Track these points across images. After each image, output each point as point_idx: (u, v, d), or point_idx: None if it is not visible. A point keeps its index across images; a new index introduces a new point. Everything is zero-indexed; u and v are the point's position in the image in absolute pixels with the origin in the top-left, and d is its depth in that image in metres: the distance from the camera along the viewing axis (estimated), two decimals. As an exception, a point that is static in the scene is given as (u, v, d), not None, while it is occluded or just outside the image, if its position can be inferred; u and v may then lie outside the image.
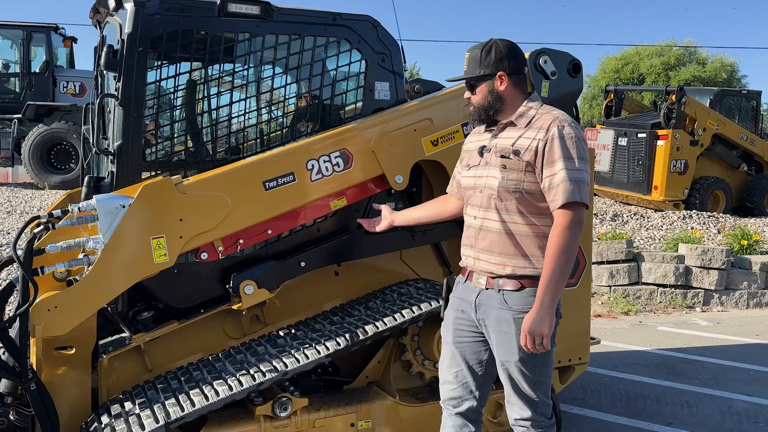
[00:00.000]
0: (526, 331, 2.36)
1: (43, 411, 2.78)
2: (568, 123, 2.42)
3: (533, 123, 2.46)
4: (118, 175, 2.97)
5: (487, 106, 2.53)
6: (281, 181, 3.05)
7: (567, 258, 2.33)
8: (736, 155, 12.01)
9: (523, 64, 2.58)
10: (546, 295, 2.34)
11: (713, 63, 29.91)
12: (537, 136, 2.42)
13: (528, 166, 2.41)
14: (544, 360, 2.51)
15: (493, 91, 2.51)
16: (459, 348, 2.62)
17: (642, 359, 5.56)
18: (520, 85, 2.55)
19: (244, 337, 3.30)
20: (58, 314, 2.74)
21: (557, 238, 2.34)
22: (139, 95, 2.96)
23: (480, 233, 2.52)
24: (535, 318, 2.34)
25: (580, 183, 2.35)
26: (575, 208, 2.34)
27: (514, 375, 2.50)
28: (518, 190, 2.43)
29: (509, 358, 2.48)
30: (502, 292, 2.47)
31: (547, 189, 2.39)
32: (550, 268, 2.34)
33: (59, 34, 13.37)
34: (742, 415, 4.39)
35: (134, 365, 3.12)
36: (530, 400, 2.51)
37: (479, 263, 2.53)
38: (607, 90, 13.16)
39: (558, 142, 2.37)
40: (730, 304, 7.66)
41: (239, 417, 2.96)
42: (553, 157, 2.37)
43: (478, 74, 2.51)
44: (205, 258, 3.02)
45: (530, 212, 2.44)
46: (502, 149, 2.47)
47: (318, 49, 3.28)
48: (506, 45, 2.53)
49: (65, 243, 2.77)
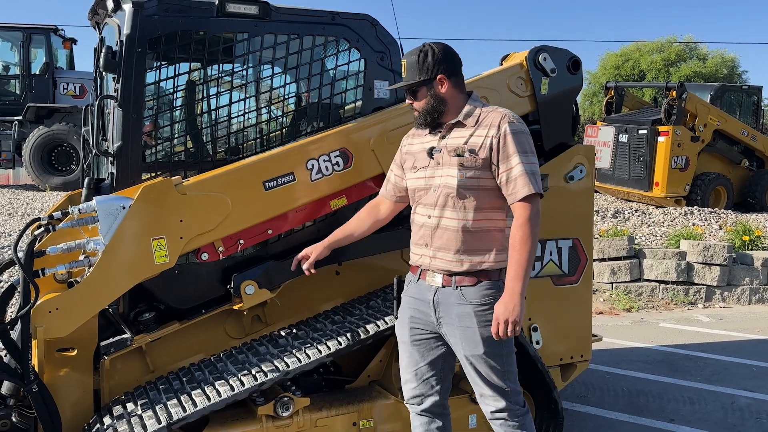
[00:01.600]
0: (498, 319, 2.42)
1: (45, 412, 2.78)
2: (516, 119, 2.52)
3: (482, 121, 2.53)
4: (118, 176, 2.97)
5: (431, 110, 2.57)
6: (281, 181, 3.05)
7: (532, 246, 2.44)
8: (737, 151, 12.00)
9: (459, 65, 2.63)
10: (516, 283, 2.42)
11: (714, 59, 29.83)
12: (489, 133, 2.49)
13: (484, 163, 2.49)
14: (508, 349, 2.58)
15: (435, 95, 2.56)
16: (416, 346, 2.67)
17: (644, 356, 5.56)
18: (459, 85, 2.60)
19: (245, 337, 3.30)
20: (60, 316, 2.74)
21: (521, 228, 2.44)
22: (138, 96, 2.96)
23: (436, 231, 2.55)
24: (506, 305, 2.42)
25: (535, 175, 2.47)
26: (534, 199, 2.45)
27: (482, 368, 2.55)
28: (477, 187, 2.50)
29: (475, 351, 2.53)
30: (459, 289, 2.52)
31: (504, 183, 2.47)
32: (518, 258, 2.43)
33: (59, 36, 13.38)
34: (744, 411, 4.39)
35: (136, 366, 3.13)
36: (502, 390, 2.56)
37: (435, 261, 2.56)
38: (608, 87, 13.15)
39: (511, 138, 2.46)
40: (732, 300, 7.65)
41: (241, 417, 2.96)
42: (508, 152, 2.46)
43: (419, 80, 2.55)
44: (206, 258, 3.02)
45: (487, 208, 2.51)
46: (455, 148, 2.53)
47: (317, 49, 3.28)
48: (441, 48, 2.58)
49: (66, 245, 2.78)
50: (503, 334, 2.42)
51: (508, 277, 2.44)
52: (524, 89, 3.54)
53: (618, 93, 12.74)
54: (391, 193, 2.84)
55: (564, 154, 3.59)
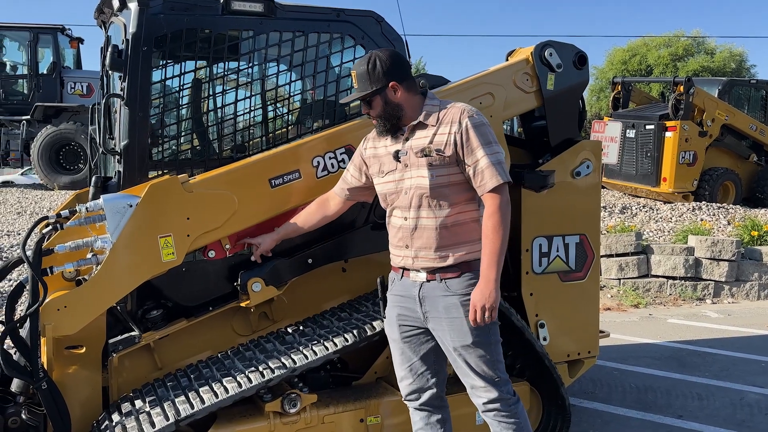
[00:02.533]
0: (475, 305, 2.49)
1: (54, 410, 2.80)
2: (475, 112, 2.58)
3: (442, 119, 2.59)
4: (124, 174, 2.99)
5: (388, 116, 2.62)
6: (287, 179, 3.06)
7: (504, 234, 2.50)
8: (745, 146, 11.92)
9: (408, 68, 2.70)
10: (490, 270, 2.49)
11: (722, 53, 29.64)
12: (451, 129, 2.55)
13: (451, 159, 2.54)
14: (495, 338, 2.63)
15: (389, 102, 2.61)
16: (407, 343, 2.73)
17: (652, 352, 5.54)
18: (412, 88, 2.65)
19: (252, 334, 3.31)
20: (68, 314, 2.75)
21: (492, 217, 2.50)
22: (144, 95, 2.97)
23: (415, 232, 2.61)
24: (483, 291, 2.49)
25: (501, 164, 2.53)
26: (502, 188, 2.52)
27: (471, 359, 2.59)
28: (448, 183, 2.56)
29: (463, 342, 2.57)
30: (444, 281, 2.58)
31: (472, 176, 2.53)
32: (491, 246, 2.49)
33: (66, 35, 13.43)
34: (753, 407, 4.37)
35: (144, 363, 3.14)
36: (492, 380, 2.61)
37: (418, 261, 2.62)
38: (615, 82, 13.08)
39: (473, 131, 2.53)
40: (740, 295, 7.61)
41: (248, 414, 2.97)
42: (472, 146, 2.52)
43: (372, 90, 2.59)
44: (213, 256, 3.03)
45: (460, 202, 2.58)
46: (421, 149, 2.57)
47: (322, 46, 3.28)
48: (388, 55, 2.62)
49: (74, 243, 2.79)
50: (480, 319, 2.49)
51: (482, 265, 2.51)
52: (530, 85, 3.53)
53: (625, 88, 12.67)
54: (345, 192, 2.91)
55: (570, 150, 3.58)
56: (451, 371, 3.38)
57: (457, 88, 3.44)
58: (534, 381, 3.48)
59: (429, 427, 2.79)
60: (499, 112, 3.50)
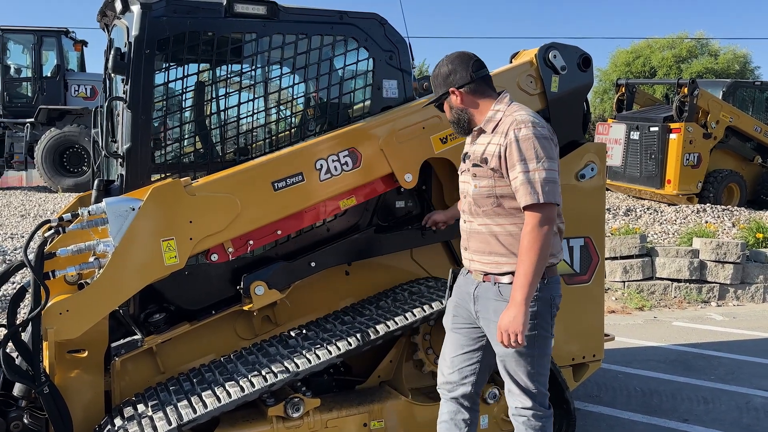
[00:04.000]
0: (501, 329, 2.43)
1: (56, 414, 2.79)
2: (525, 124, 2.45)
3: (498, 128, 2.54)
4: (127, 177, 2.98)
5: (455, 121, 2.67)
6: (290, 182, 3.05)
7: (538, 255, 2.39)
8: (750, 147, 11.88)
9: (470, 71, 2.60)
10: (518, 292, 2.40)
11: (725, 55, 29.57)
12: (500, 141, 2.50)
13: (495, 172, 2.50)
14: (541, 351, 2.57)
15: (453, 107, 2.64)
16: (456, 333, 2.73)
17: (657, 355, 5.51)
18: (478, 91, 2.60)
19: (255, 337, 3.30)
20: (70, 317, 2.75)
21: (525, 237, 2.42)
22: (147, 97, 2.97)
23: (470, 235, 2.64)
24: (508, 315, 2.41)
25: (533, 183, 2.40)
26: (537, 208, 2.40)
27: (511, 367, 2.58)
28: (492, 195, 2.53)
29: (507, 350, 2.53)
30: (498, 285, 2.56)
31: (514, 191, 2.47)
32: (522, 267, 2.41)
33: (70, 38, 13.48)
34: (759, 411, 4.34)
35: (146, 367, 3.13)
36: (528, 391, 2.58)
37: (474, 264, 2.65)
38: (619, 84, 13.06)
39: (514, 146, 2.43)
40: (745, 298, 7.57)
41: (251, 418, 2.96)
42: (512, 161, 2.45)
43: (437, 95, 2.67)
44: (216, 259, 3.02)
45: (510, 213, 2.52)
46: (475, 157, 2.59)
47: (325, 48, 3.27)
48: (450, 60, 2.62)
49: (76, 246, 2.78)
50: (507, 344, 2.42)
51: (513, 285, 2.44)
52: (534, 87, 3.51)
53: (629, 90, 12.65)
54: None
55: (575, 152, 3.56)
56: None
57: (460, 91, 3.42)
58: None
59: (453, 423, 2.77)
60: (503, 114, 3.48)
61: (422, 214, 3.51)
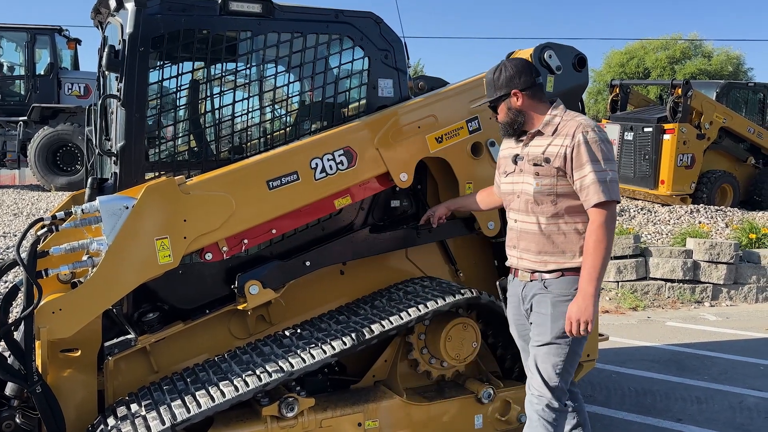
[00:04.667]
0: (570, 318, 2.57)
1: (49, 413, 2.77)
2: (591, 128, 2.63)
3: (559, 130, 2.67)
4: (121, 176, 2.96)
5: (510, 122, 2.76)
6: (285, 180, 3.04)
7: (605, 250, 2.56)
8: (743, 148, 11.92)
9: (533, 76, 2.77)
10: (588, 284, 2.56)
11: (719, 56, 29.73)
12: (564, 142, 2.63)
13: (559, 171, 2.63)
14: (574, 348, 2.69)
15: (512, 108, 2.74)
16: (525, 340, 2.85)
17: (651, 355, 5.52)
18: (537, 95, 2.75)
19: (249, 337, 3.29)
20: (63, 317, 2.73)
21: (594, 233, 2.57)
22: (141, 96, 2.95)
23: (521, 235, 2.75)
24: (579, 305, 2.56)
25: (607, 182, 2.57)
26: (606, 206, 2.56)
27: (540, 356, 2.69)
28: (552, 193, 2.66)
29: (540, 339, 2.68)
30: (543, 281, 2.71)
31: (579, 190, 2.61)
32: (591, 260, 2.56)
33: (63, 36, 13.39)
34: (752, 411, 4.36)
35: (140, 367, 3.11)
36: (549, 384, 2.67)
37: (522, 262, 2.77)
38: (613, 84, 13.07)
39: (584, 147, 2.59)
40: (738, 298, 7.60)
41: (246, 418, 2.94)
42: (581, 161, 2.59)
43: (496, 96, 2.76)
44: (210, 258, 3.00)
45: (565, 212, 2.66)
46: (534, 157, 2.69)
47: (320, 47, 3.26)
48: (515, 63, 2.76)
49: (69, 245, 2.76)
50: (576, 332, 2.56)
51: (581, 279, 2.58)
52: (530, 87, 3.51)
53: (623, 91, 12.67)
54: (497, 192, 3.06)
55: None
56: (436, 374, 3.39)
57: (456, 90, 3.43)
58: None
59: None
60: (499, 114, 3.48)
61: (417, 214, 3.51)
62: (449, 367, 3.38)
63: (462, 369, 3.43)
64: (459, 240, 3.68)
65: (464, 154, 3.41)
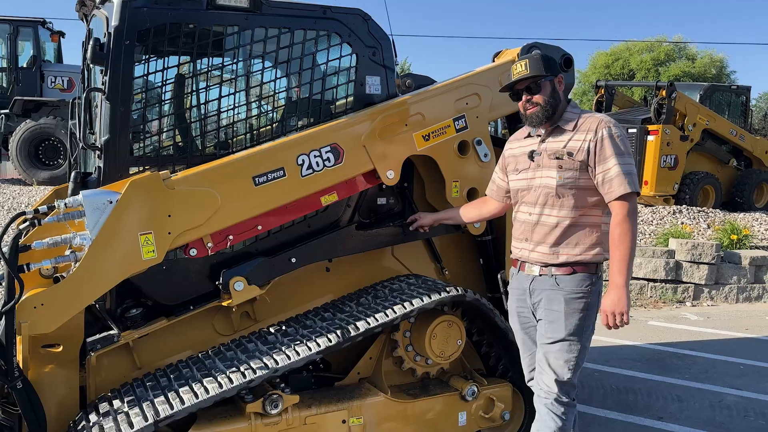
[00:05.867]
0: (606, 311, 2.61)
1: (29, 410, 2.74)
2: (613, 124, 2.70)
3: (580, 126, 2.72)
4: (105, 170, 2.93)
5: (550, 104, 2.74)
6: (271, 177, 3.02)
7: (631, 241, 2.60)
8: (725, 150, 12.07)
9: None
10: (618, 276, 2.59)
11: (703, 59, 30.03)
12: (587, 137, 2.67)
13: (582, 165, 2.67)
14: (585, 342, 2.73)
15: (555, 91, 2.76)
16: (527, 333, 2.90)
17: (633, 354, 5.57)
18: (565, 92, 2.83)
19: (234, 333, 3.27)
20: (45, 312, 2.69)
21: (620, 225, 2.60)
22: (126, 89, 2.92)
23: (536, 227, 2.77)
24: (612, 298, 2.60)
25: (631, 175, 2.63)
26: (630, 197, 2.62)
27: (551, 352, 2.72)
28: (574, 186, 2.69)
29: (552, 336, 2.71)
30: (554, 277, 2.72)
31: (601, 183, 2.65)
32: (619, 254, 2.60)
33: (47, 29, 13.23)
34: (732, 409, 4.41)
35: (123, 363, 3.09)
36: (559, 379, 2.71)
37: (534, 254, 2.78)
38: (598, 85, 13.15)
39: (609, 141, 2.64)
40: (720, 298, 7.70)
41: (229, 414, 2.93)
42: (605, 155, 2.63)
43: (546, 74, 2.72)
44: (194, 254, 2.98)
45: (583, 206, 2.70)
46: (555, 151, 2.72)
47: (308, 43, 3.25)
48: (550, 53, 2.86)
49: (52, 239, 2.73)
50: (613, 324, 2.61)
51: (611, 271, 2.61)
52: (516, 86, 3.52)
53: (608, 92, 12.75)
54: (496, 194, 3.10)
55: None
56: (421, 372, 3.40)
57: (443, 88, 3.43)
58: (517, 383, 3.48)
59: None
60: (485, 113, 3.50)
61: (404, 211, 3.51)
62: (434, 365, 3.39)
63: (446, 366, 3.44)
64: (445, 238, 3.69)
65: (451, 153, 3.42)
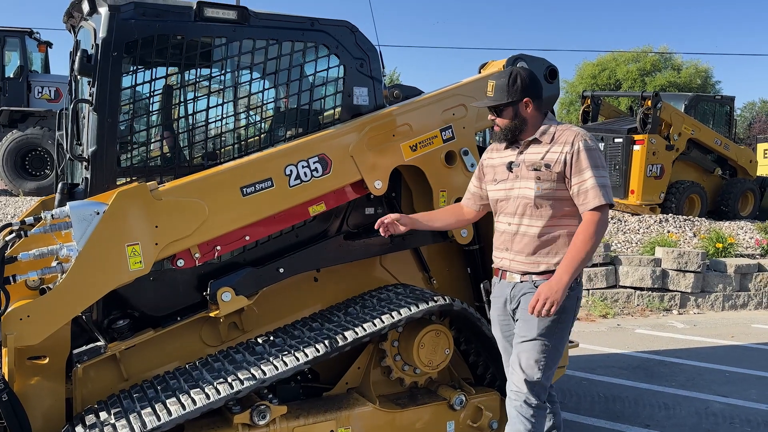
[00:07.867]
0: (539, 295, 2.62)
1: (15, 422, 2.72)
2: (588, 137, 2.75)
3: (557, 139, 2.77)
4: (92, 181, 2.93)
5: (513, 128, 2.81)
6: (259, 187, 3.03)
7: (590, 249, 2.64)
8: (710, 159, 12.19)
9: (541, 89, 2.88)
10: (565, 273, 2.63)
11: (688, 69, 30.37)
12: (563, 149, 2.73)
13: (559, 176, 2.72)
14: (556, 343, 2.75)
15: (519, 115, 2.80)
16: (508, 341, 2.92)
17: (620, 362, 5.61)
18: (540, 107, 2.85)
19: (221, 344, 3.26)
20: (31, 323, 2.68)
21: (584, 232, 2.66)
22: (113, 100, 2.92)
23: (516, 237, 2.81)
24: (551, 286, 2.62)
25: (605, 187, 2.69)
26: (603, 209, 2.67)
27: (523, 351, 2.73)
28: (552, 197, 2.73)
29: (525, 334, 2.73)
30: (533, 282, 2.77)
31: (576, 194, 2.70)
32: (574, 253, 2.64)
33: (34, 39, 13.17)
34: (718, 416, 4.45)
35: (109, 374, 3.07)
36: (528, 380, 2.71)
37: (514, 264, 2.82)
38: (584, 95, 13.28)
39: (585, 154, 2.69)
40: (705, 306, 7.76)
41: (217, 425, 2.92)
42: (581, 167, 2.69)
43: (507, 101, 2.78)
44: (182, 265, 2.98)
45: (561, 215, 2.75)
46: (533, 163, 2.77)
47: (296, 55, 3.27)
48: (528, 74, 2.83)
49: (38, 251, 2.72)
50: (539, 308, 2.62)
51: (560, 265, 2.66)
52: (502, 97, 3.55)
53: (594, 102, 12.88)
54: (472, 202, 3.10)
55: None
56: (409, 381, 3.40)
57: (430, 99, 3.46)
58: (504, 391, 3.49)
59: None
60: (472, 123, 3.53)
61: (391, 221, 3.52)
62: (422, 374, 3.40)
63: (435, 376, 3.45)
64: (432, 248, 3.70)
65: (438, 163, 3.44)
